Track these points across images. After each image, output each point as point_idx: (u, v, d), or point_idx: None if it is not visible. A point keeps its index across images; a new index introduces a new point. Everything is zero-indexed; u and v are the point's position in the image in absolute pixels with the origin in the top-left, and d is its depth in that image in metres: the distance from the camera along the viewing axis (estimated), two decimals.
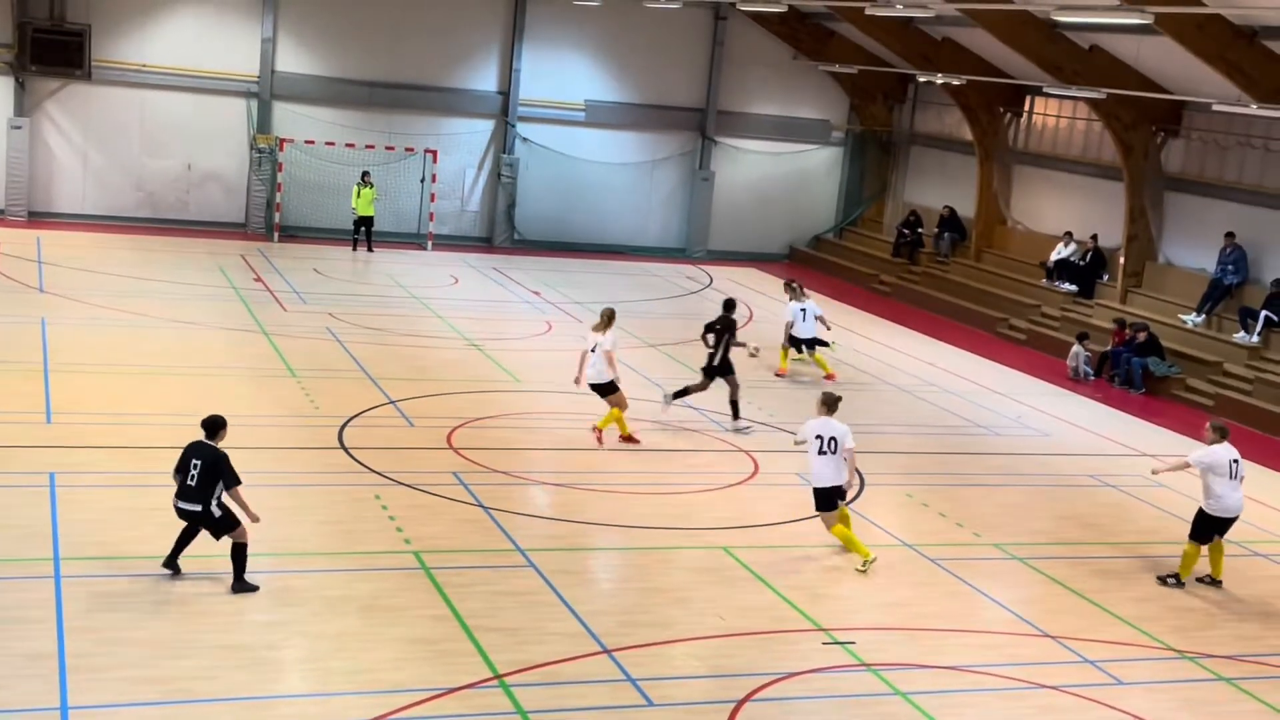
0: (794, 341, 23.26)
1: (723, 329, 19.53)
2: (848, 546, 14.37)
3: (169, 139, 32.30)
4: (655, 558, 14.12)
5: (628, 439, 17.97)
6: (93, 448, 15.83)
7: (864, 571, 13.98)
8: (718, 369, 19.44)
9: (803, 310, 23.17)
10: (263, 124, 32.60)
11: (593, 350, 17.70)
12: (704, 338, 19.75)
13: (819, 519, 14.52)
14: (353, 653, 11.23)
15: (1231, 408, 23.32)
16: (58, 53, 30.71)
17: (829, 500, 14.32)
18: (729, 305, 20.16)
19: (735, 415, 19.31)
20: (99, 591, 11.92)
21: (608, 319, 17.99)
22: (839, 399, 14.64)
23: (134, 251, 29.01)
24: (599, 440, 17.86)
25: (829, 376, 22.85)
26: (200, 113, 32.33)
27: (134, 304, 23.73)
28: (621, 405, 17.91)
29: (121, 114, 31.91)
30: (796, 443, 14.79)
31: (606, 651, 11.62)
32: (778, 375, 22.97)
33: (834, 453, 14.13)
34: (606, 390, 17.87)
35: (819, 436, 14.20)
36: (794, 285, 23.88)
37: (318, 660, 11.10)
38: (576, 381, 18.03)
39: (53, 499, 13.95)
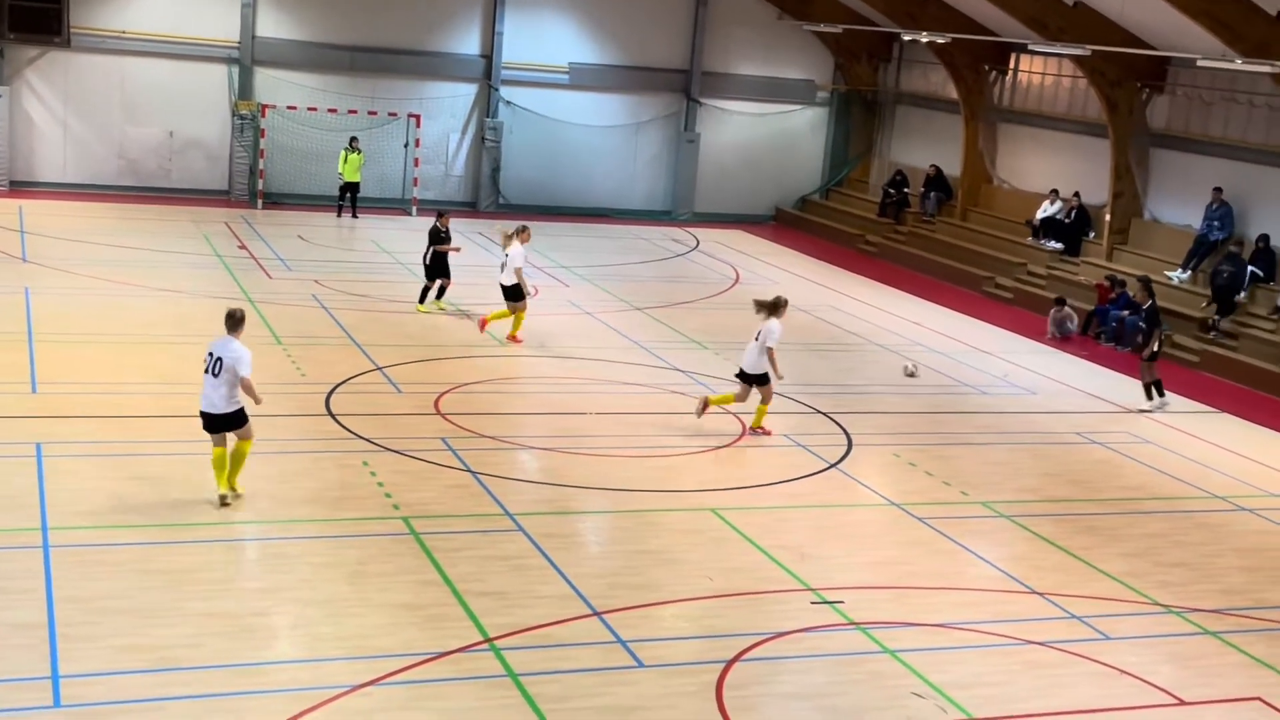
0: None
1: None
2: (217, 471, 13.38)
3: (150, 106, 32.07)
4: (643, 520, 14.15)
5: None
6: (79, 417, 15.78)
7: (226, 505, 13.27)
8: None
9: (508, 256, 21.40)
10: (244, 90, 32.38)
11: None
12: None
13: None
14: (342, 618, 11.25)
15: (1217, 363, 23.43)
16: (36, 20, 30.43)
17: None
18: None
19: (1149, 397, 20.45)
20: (87, 561, 11.91)
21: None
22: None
23: (117, 220, 28.86)
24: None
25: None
26: (181, 79, 32.10)
27: (118, 273, 23.63)
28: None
29: (102, 81, 31.66)
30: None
31: (596, 614, 11.66)
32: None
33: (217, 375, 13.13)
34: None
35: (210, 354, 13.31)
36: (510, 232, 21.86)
37: (307, 626, 11.12)
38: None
39: (39, 469, 13.92)
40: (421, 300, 22.81)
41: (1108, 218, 27.92)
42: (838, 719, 10.25)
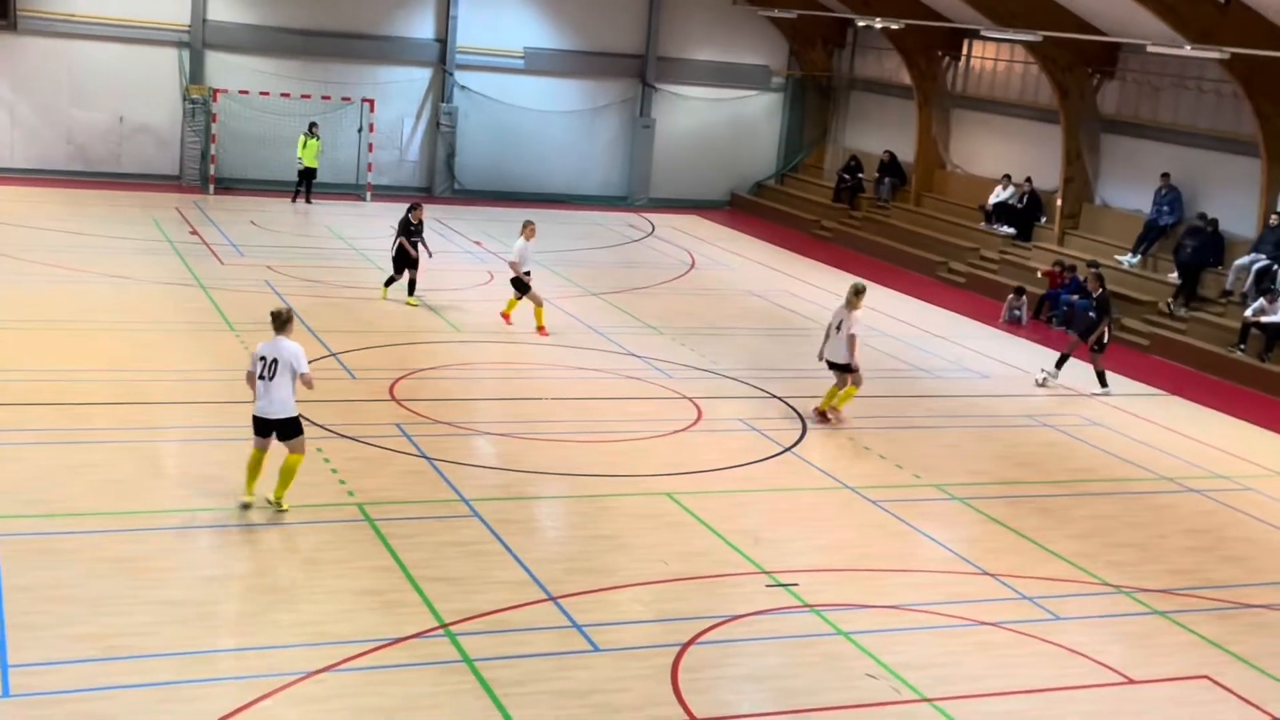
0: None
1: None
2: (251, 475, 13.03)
3: (99, 90, 31.67)
4: (599, 505, 14.17)
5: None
6: (28, 405, 15.61)
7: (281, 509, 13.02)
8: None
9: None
10: (195, 74, 32.06)
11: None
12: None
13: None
14: (297, 605, 11.21)
15: (1166, 346, 23.68)
16: None
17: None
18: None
19: (1102, 383, 20.55)
20: (37, 549, 11.79)
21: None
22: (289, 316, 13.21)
23: (65, 205, 28.53)
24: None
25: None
26: (130, 63, 31.72)
27: (67, 259, 23.36)
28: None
29: (49, 65, 31.24)
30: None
31: (552, 599, 11.67)
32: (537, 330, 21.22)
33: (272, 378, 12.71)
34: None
35: (261, 359, 12.80)
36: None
37: (261, 614, 11.06)
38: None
39: None
40: (387, 285, 22.65)
41: (1059, 203, 28.14)
42: (792, 700, 10.32)
